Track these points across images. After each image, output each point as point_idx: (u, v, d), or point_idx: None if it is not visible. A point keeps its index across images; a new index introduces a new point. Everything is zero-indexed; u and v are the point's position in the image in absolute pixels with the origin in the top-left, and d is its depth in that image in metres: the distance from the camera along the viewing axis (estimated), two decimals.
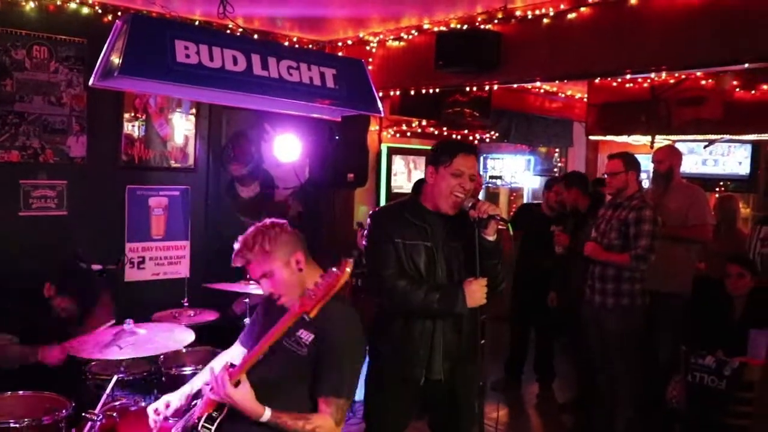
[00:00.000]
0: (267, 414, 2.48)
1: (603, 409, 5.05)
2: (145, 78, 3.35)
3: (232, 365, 2.56)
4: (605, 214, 4.95)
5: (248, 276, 2.87)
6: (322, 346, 2.61)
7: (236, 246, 2.73)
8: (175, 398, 2.87)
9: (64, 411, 3.51)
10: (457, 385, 3.30)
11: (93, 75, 3.61)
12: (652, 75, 6.26)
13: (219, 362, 2.85)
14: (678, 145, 6.49)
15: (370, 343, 3.56)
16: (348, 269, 2.48)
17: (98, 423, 3.38)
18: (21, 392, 3.69)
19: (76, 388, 3.91)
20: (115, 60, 3.38)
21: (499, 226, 3.15)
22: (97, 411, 3.45)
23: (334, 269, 2.49)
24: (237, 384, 2.48)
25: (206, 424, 2.57)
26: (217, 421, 2.57)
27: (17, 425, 3.34)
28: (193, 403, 2.80)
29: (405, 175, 7.60)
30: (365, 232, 3.40)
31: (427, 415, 3.51)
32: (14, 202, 5.30)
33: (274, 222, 2.79)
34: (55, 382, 3.81)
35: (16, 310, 4.40)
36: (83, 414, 3.52)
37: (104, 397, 3.59)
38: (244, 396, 2.47)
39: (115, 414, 3.51)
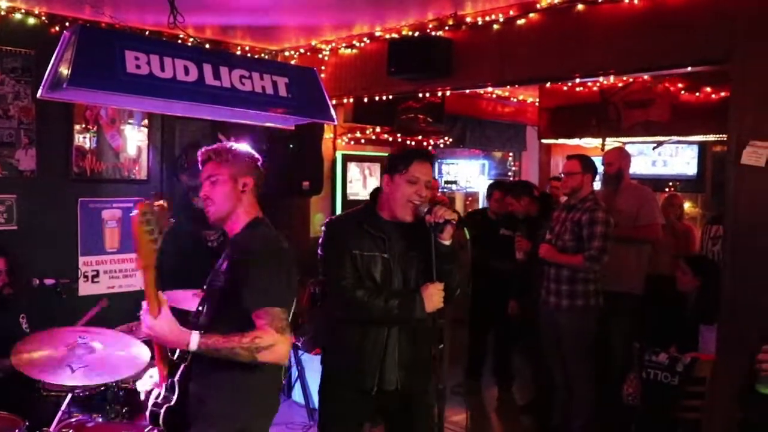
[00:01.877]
0: (195, 339, 2.46)
1: (560, 409, 5.13)
2: (95, 89, 3.30)
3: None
4: (559, 216, 5.05)
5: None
6: (235, 266, 2.66)
7: (211, 147, 2.89)
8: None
9: (17, 430, 3.45)
10: (412, 392, 3.31)
11: (41, 87, 3.54)
12: (601, 79, 6.40)
13: None
14: (628, 147, 6.65)
15: (323, 352, 3.58)
16: (136, 211, 2.39)
17: None
18: None
19: (28, 406, 3.83)
20: (64, 71, 3.33)
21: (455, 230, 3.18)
22: (52, 429, 3.41)
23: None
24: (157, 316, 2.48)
25: (167, 393, 2.67)
26: (179, 371, 2.68)
27: None
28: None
29: (360, 182, 7.62)
30: (320, 240, 3.39)
31: (383, 422, 3.51)
32: None
33: (248, 150, 2.92)
34: (6, 399, 3.74)
35: None
36: (38, 431, 3.47)
37: (59, 414, 3.55)
38: (164, 325, 2.47)
39: (71, 431, 3.46)
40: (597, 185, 5.43)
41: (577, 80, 5.79)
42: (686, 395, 4.45)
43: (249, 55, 6.51)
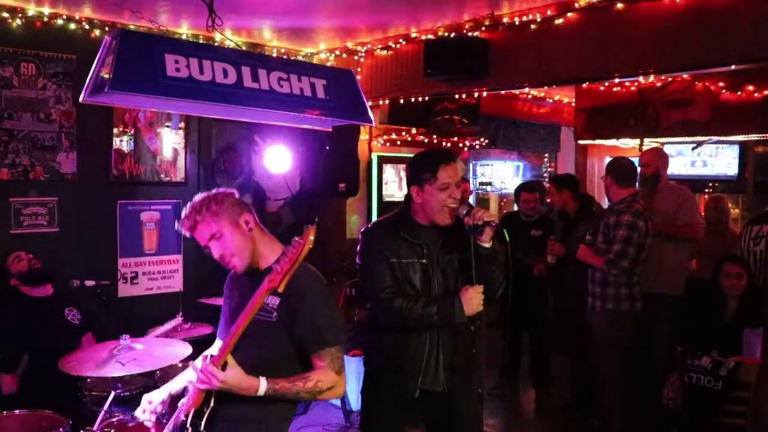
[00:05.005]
0: (263, 385, 2.43)
1: (599, 412, 5.07)
2: (135, 93, 3.35)
3: (211, 356, 2.49)
4: (604, 216, 5.01)
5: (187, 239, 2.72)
6: (290, 305, 2.56)
7: (184, 212, 2.67)
8: (157, 396, 2.85)
9: (61, 429, 3.49)
10: (454, 394, 3.29)
11: (83, 91, 3.60)
12: (640, 78, 6.32)
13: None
14: (666, 147, 6.56)
15: (365, 354, 3.58)
16: (311, 237, 2.38)
17: None
18: (17, 411, 3.67)
19: (72, 406, 3.89)
20: (105, 75, 3.38)
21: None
22: (95, 428, 3.45)
23: (297, 238, 2.39)
24: (224, 368, 2.42)
25: (196, 420, 2.55)
26: (206, 415, 2.54)
27: None
28: (180, 403, 2.76)
29: (396, 184, 7.63)
30: (358, 248, 3.36)
31: (425, 424, 3.49)
32: (5, 220, 5.29)
33: (219, 190, 2.75)
34: (51, 399, 3.79)
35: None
36: (81, 431, 3.52)
37: (102, 413, 3.59)
38: (235, 376, 2.42)
39: (113, 430, 3.50)
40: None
41: (617, 80, 5.72)
42: (730, 400, 4.37)
43: (286, 57, 6.54)
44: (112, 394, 3.63)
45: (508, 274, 3.23)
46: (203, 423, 2.53)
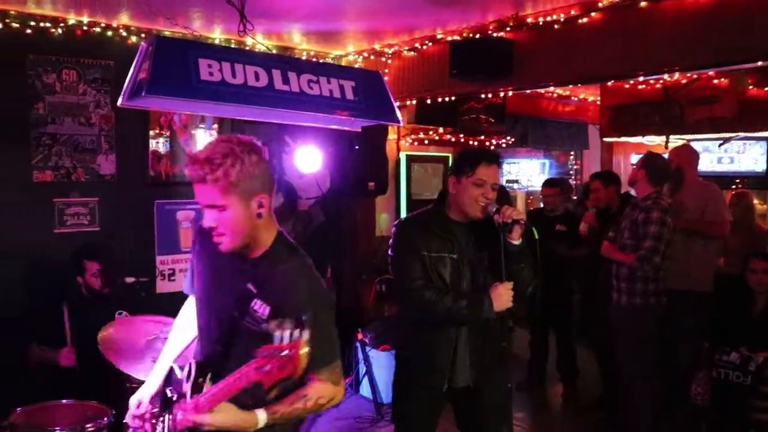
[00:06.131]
0: (261, 417, 2.18)
1: (627, 408, 5.05)
2: (171, 96, 3.42)
3: (193, 403, 2.20)
4: (626, 213, 4.98)
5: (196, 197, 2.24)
6: (279, 310, 2.16)
7: (200, 152, 2.18)
8: (146, 393, 2.63)
9: (105, 419, 3.59)
10: (483, 388, 3.31)
11: (121, 95, 3.69)
12: (665, 76, 6.27)
13: (178, 331, 2.70)
14: (693, 144, 6.49)
15: (396, 350, 3.62)
16: (302, 351, 1.93)
17: (139, 429, 3.45)
18: (64, 401, 3.79)
19: (115, 397, 3.98)
20: (143, 80, 3.46)
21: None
22: None
23: (285, 350, 1.92)
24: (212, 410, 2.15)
25: None
26: None
27: None
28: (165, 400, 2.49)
29: (424, 183, 7.65)
30: (390, 241, 3.40)
31: (456, 417, 3.52)
32: (49, 220, 5.42)
33: (254, 143, 2.25)
34: (95, 391, 3.89)
35: (47, 318, 4.50)
36: (125, 421, 3.60)
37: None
38: (227, 416, 2.15)
39: (155, 420, 3.58)
40: None
41: (641, 78, 5.68)
42: (759, 395, 4.34)
43: (315, 59, 6.60)
44: None
45: (537, 272, 3.25)
46: None
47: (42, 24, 5.28)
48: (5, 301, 5.03)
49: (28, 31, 5.23)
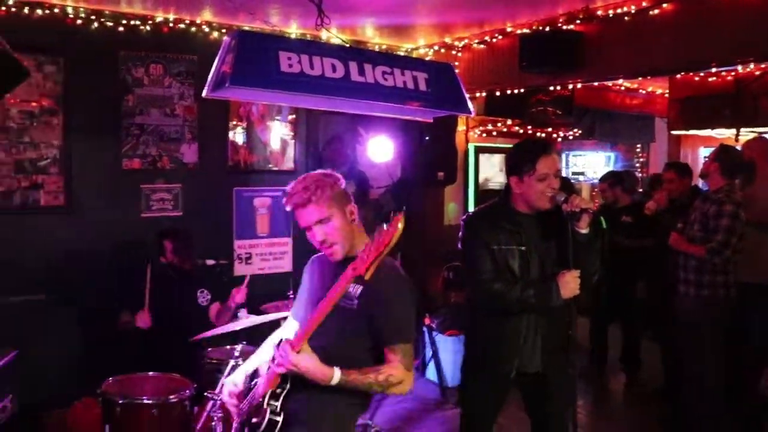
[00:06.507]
0: (336, 374, 2.32)
1: (689, 400, 4.91)
2: (253, 87, 3.45)
3: (287, 339, 2.37)
4: (696, 205, 4.83)
5: (296, 223, 2.54)
6: (370, 296, 2.44)
7: (294, 186, 2.51)
8: (239, 378, 2.76)
9: (187, 391, 3.68)
10: (549, 375, 3.27)
11: (206, 87, 3.74)
12: (738, 68, 6.03)
13: (275, 339, 2.76)
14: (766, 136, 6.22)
15: (466, 337, 3.61)
16: (400, 225, 2.17)
17: (219, 402, 3.53)
18: (151, 373, 3.91)
19: (196, 372, 4.09)
20: (226, 72, 3.50)
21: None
22: (217, 391, 3.61)
23: (385, 226, 2.20)
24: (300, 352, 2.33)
25: (271, 401, 2.46)
26: (282, 396, 2.46)
27: (150, 401, 3.55)
28: (252, 383, 2.69)
29: (492, 173, 7.58)
30: (460, 235, 3.38)
31: (524, 402, 3.49)
32: (137, 204, 5.60)
33: (333, 174, 2.59)
34: (179, 365, 4.00)
35: (132, 287, 4.63)
36: (205, 394, 3.69)
37: (223, 379, 3.75)
38: (309, 362, 2.31)
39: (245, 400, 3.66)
40: None
41: (713, 69, 5.48)
42: None
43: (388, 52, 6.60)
44: (231, 362, 3.78)
45: (605, 261, 3.19)
46: (279, 404, 2.45)
47: (132, 22, 5.43)
48: (98, 277, 5.23)
49: (120, 28, 5.40)
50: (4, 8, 4.96)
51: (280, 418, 2.44)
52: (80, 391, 4.46)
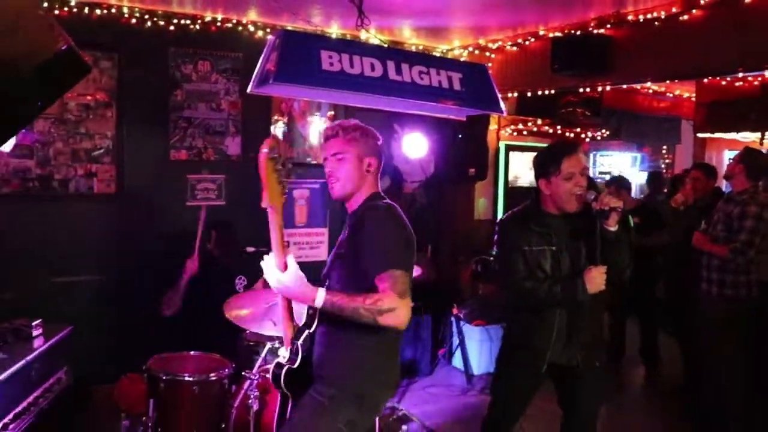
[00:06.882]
0: (321, 295, 2.29)
1: (708, 396, 4.85)
2: (296, 84, 3.47)
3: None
4: (719, 206, 4.76)
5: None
6: (355, 236, 2.48)
7: (336, 122, 2.70)
8: None
9: (226, 370, 3.74)
10: (580, 367, 3.28)
11: (251, 83, 3.77)
12: (765, 73, 5.91)
13: None
14: None
15: (504, 330, 3.66)
16: (264, 149, 2.38)
17: (255, 381, 3.59)
18: (192, 353, 3.97)
19: (235, 353, 4.15)
20: (271, 69, 3.53)
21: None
22: (254, 372, 3.66)
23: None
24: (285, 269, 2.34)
25: (276, 371, 2.54)
26: (303, 335, 2.53)
27: (191, 379, 3.61)
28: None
29: (521, 171, 7.54)
30: (495, 238, 3.43)
31: (557, 393, 3.50)
32: (183, 193, 5.67)
33: (371, 129, 2.69)
34: (218, 345, 4.06)
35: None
36: (243, 373, 3.75)
37: (259, 360, 3.81)
38: (291, 279, 2.33)
39: (268, 375, 3.71)
40: None
41: (740, 74, 5.38)
42: None
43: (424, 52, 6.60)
44: (268, 345, 3.84)
45: (632, 257, 3.18)
46: (298, 360, 2.50)
47: (182, 21, 5.50)
48: (147, 262, 5.33)
49: (171, 27, 5.47)
50: (66, 8, 5.07)
51: (298, 358, 2.49)
52: (127, 368, 4.56)
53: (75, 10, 5.11)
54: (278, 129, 6.17)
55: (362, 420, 2.50)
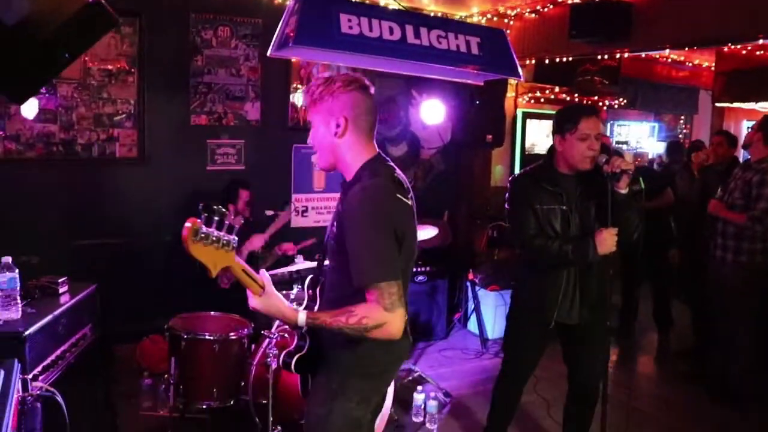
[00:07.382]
0: (302, 317, 2.11)
1: (718, 359, 4.84)
2: (315, 47, 3.45)
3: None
4: (736, 174, 4.69)
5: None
6: (341, 230, 2.16)
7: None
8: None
9: (246, 330, 3.77)
10: (586, 326, 3.31)
11: (271, 46, 3.76)
12: None
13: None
14: None
15: (513, 289, 3.66)
16: (184, 234, 1.97)
17: (274, 340, 3.61)
18: (213, 313, 4.01)
19: (253, 313, 4.16)
20: (290, 33, 3.51)
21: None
22: (273, 331, 3.69)
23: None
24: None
25: (286, 360, 2.35)
26: (296, 357, 2.33)
27: (211, 337, 3.65)
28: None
29: (538, 138, 7.47)
30: (506, 196, 3.40)
31: (562, 350, 3.52)
32: (203, 158, 5.67)
33: (348, 77, 2.24)
34: (237, 305, 4.08)
35: None
36: (262, 332, 3.78)
37: (278, 321, 3.83)
38: (269, 303, 2.11)
39: (286, 334, 3.74)
40: None
41: (760, 41, 5.25)
42: None
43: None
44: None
45: (642, 219, 3.16)
46: (306, 346, 2.31)
47: None
48: (167, 225, 5.34)
49: None
50: None
51: (306, 343, 2.32)
52: (148, 329, 4.61)
53: None
54: (297, 95, 6.12)
55: (373, 393, 2.38)
